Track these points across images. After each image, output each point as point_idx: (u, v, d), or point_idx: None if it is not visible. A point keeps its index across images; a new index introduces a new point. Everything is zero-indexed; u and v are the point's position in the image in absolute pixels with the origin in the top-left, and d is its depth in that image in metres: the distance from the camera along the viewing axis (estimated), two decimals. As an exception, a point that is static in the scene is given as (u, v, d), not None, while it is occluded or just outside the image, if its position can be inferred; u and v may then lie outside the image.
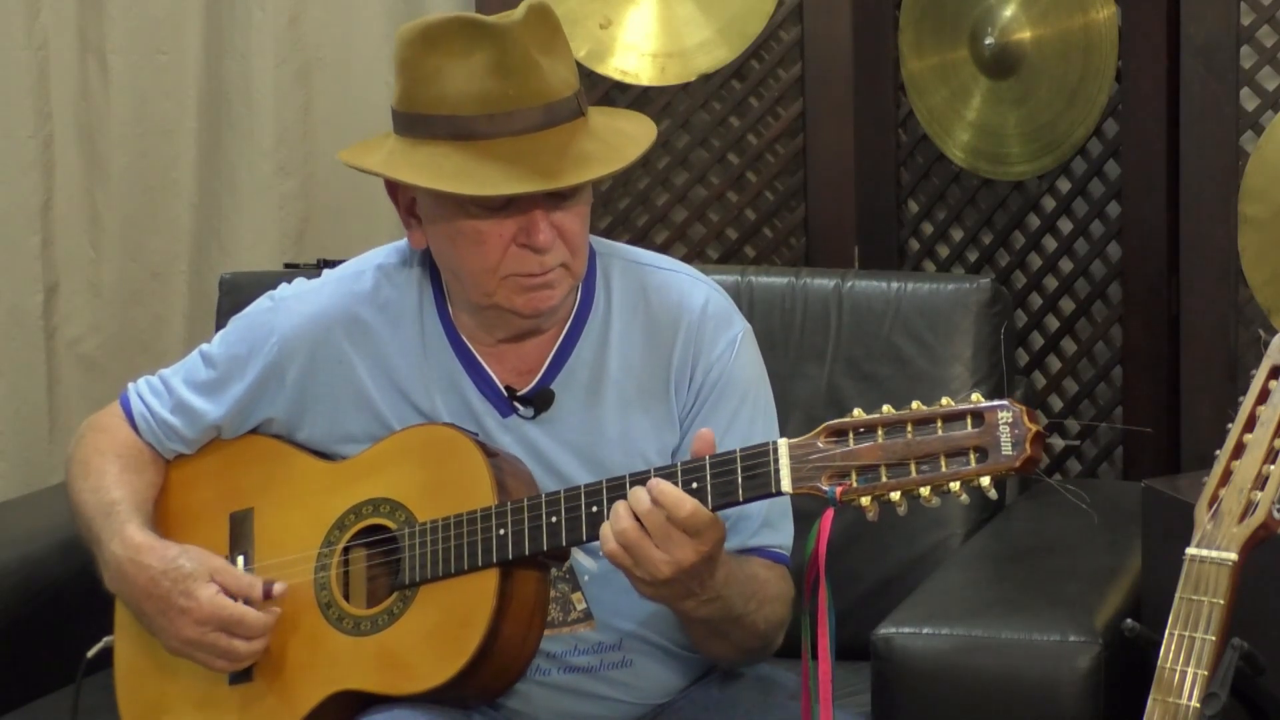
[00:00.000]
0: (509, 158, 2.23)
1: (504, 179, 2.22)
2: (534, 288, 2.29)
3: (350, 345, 2.39)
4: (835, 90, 3.50)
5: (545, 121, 2.25)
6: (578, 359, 2.36)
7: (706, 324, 2.38)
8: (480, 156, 2.24)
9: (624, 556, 2.13)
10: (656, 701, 2.39)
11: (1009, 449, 2.02)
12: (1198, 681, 1.94)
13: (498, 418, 2.36)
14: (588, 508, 2.20)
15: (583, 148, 2.26)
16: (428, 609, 2.27)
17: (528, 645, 2.28)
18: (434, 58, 2.25)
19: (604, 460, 2.33)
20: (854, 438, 2.07)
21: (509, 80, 2.24)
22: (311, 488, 2.39)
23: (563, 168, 2.24)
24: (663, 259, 2.46)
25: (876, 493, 2.06)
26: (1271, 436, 1.99)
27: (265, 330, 2.43)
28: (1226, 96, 3.13)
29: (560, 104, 2.26)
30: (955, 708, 2.46)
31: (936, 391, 2.74)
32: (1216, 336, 3.16)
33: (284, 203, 3.85)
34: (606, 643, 2.35)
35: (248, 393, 2.43)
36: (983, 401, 2.04)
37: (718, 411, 2.36)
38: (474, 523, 2.25)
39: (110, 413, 2.50)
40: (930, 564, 2.86)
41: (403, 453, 2.34)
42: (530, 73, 2.24)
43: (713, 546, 2.14)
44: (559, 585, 2.33)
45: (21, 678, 2.87)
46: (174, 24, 3.83)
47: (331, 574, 2.34)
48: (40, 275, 3.89)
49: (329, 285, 2.44)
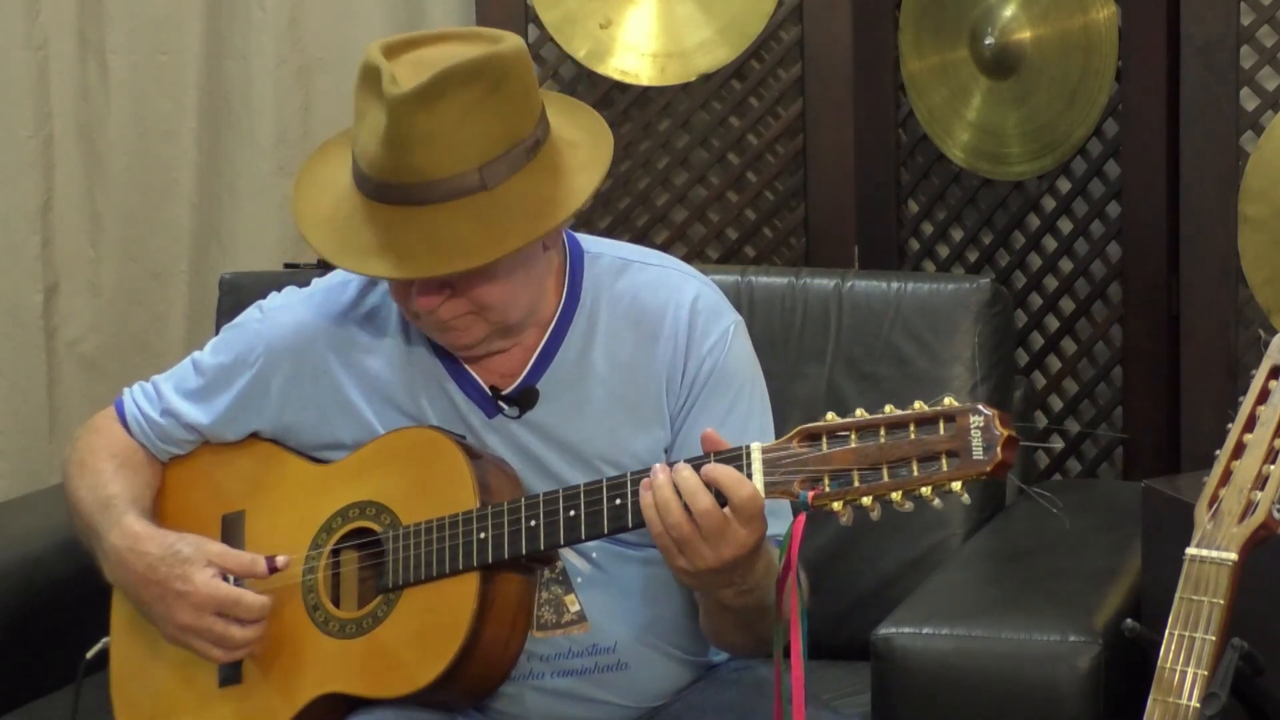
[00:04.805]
0: (385, 226, 2.21)
1: (368, 252, 2.22)
2: (442, 329, 2.30)
3: (334, 355, 2.40)
4: (835, 90, 3.49)
5: (430, 197, 2.19)
6: (563, 357, 2.35)
7: (697, 318, 2.36)
8: (368, 217, 2.23)
9: (671, 546, 2.12)
10: (650, 705, 2.39)
11: (980, 453, 2.00)
12: (1198, 681, 1.94)
13: (483, 418, 2.35)
14: (565, 512, 2.20)
15: (459, 232, 2.19)
16: (411, 612, 2.28)
17: (511, 648, 2.28)
18: (361, 97, 2.24)
19: (592, 458, 2.33)
20: (827, 441, 2.07)
21: (390, 151, 2.19)
22: (301, 490, 2.39)
23: (426, 252, 2.19)
24: (650, 254, 2.45)
25: (849, 497, 2.05)
26: (1271, 436, 1.99)
27: (252, 340, 2.44)
28: (1226, 96, 3.13)
29: (447, 181, 2.18)
30: (955, 708, 2.46)
31: (937, 391, 2.73)
32: (1216, 336, 3.16)
33: (284, 203, 3.84)
34: (600, 645, 2.34)
35: (235, 402, 2.44)
36: (955, 404, 2.03)
37: (712, 405, 2.34)
38: (455, 526, 2.25)
39: (105, 416, 2.51)
40: (930, 564, 2.86)
41: (389, 456, 2.35)
42: (412, 148, 2.17)
43: (759, 538, 2.12)
44: (552, 588, 2.33)
45: (21, 678, 2.87)
46: (174, 24, 3.83)
47: (319, 576, 2.35)
48: (40, 275, 3.89)
49: (315, 296, 2.45)
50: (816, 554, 2.77)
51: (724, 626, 2.29)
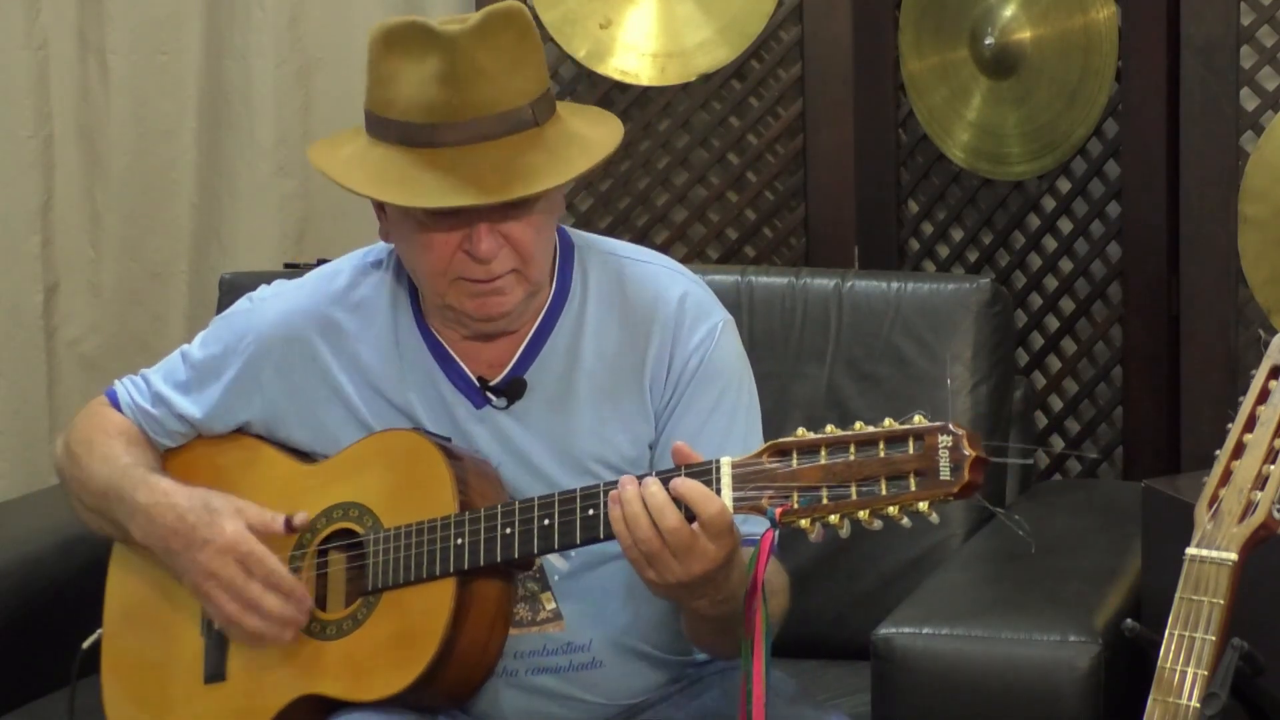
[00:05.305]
0: (450, 168, 2.23)
1: (440, 191, 2.22)
2: (483, 294, 2.29)
3: (324, 343, 2.40)
4: (835, 90, 3.49)
5: (492, 132, 2.24)
6: (551, 349, 2.35)
7: (685, 315, 2.36)
8: (424, 165, 2.24)
9: (640, 560, 2.12)
10: (625, 702, 2.38)
11: (947, 474, 1.99)
12: (1198, 681, 1.94)
13: (470, 409, 2.35)
14: (540, 520, 2.20)
15: (528, 160, 2.24)
16: (389, 616, 2.28)
17: (489, 652, 2.27)
18: (391, 61, 2.26)
19: (576, 451, 2.33)
20: (797, 457, 2.06)
21: (454, 90, 2.23)
22: (287, 490, 2.39)
23: (501, 181, 2.22)
24: (641, 251, 2.45)
25: (816, 514, 2.04)
26: (1271, 436, 1.99)
27: (242, 330, 2.44)
28: (1226, 96, 3.13)
29: (508, 115, 2.25)
30: (955, 708, 2.46)
31: (937, 391, 2.74)
32: (1216, 336, 3.16)
33: (284, 203, 3.85)
34: (576, 643, 2.34)
35: (226, 392, 2.44)
36: (924, 423, 2.01)
37: (697, 401, 2.34)
38: (433, 531, 2.25)
39: (98, 403, 2.51)
40: (930, 564, 2.86)
41: (372, 457, 2.35)
42: (477, 83, 2.23)
43: (730, 551, 2.12)
44: (528, 584, 2.33)
45: (20, 678, 2.87)
46: (174, 24, 3.83)
47: (302, 578, 2.34)
48: (40, 275, 3.89)
49: (305, 285, 2.46)
50: (816, 553, 2.77)
51: (703, 632, 2.29)
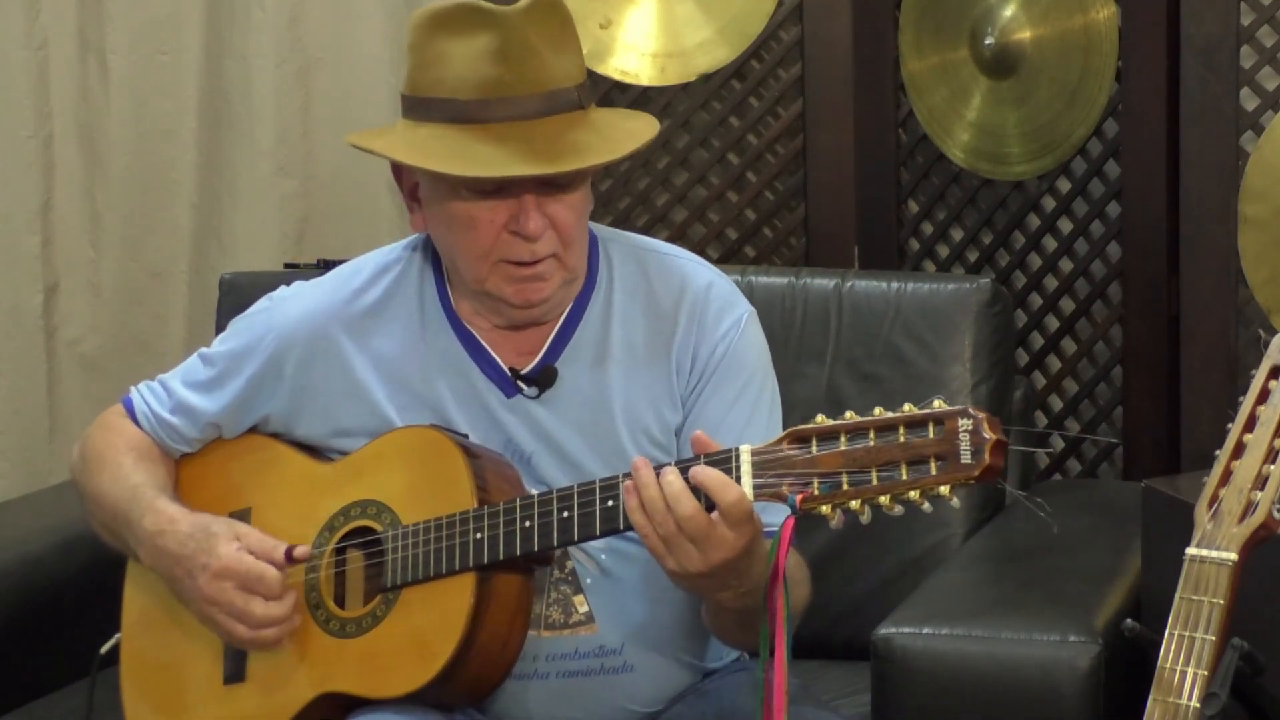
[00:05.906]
0: (502, 142, 2.25)
1: (494, 162, 2.24)
2: (524, 278, 2.30)
3: (346, 338, 2.40)
4: (835, 90, 3.50)
5: (542, 109, 2.27)
6: (581, 337, 2.36)
7: (710, 304, 2.38)
8: (474, 140, 2.25)
9: (659, 548, 2.12)
10: (648, 710, 2.38)
11: (968, 457, 1.98)
12: (1198, 681, 1.94)
13: (502, 398, 2.36)
14: (559, 513, 2.20)
15: (578, 138, 2.27)
16: (408, 612, 2.28)
17: (510, 648, 2.27)
18: (439, 41, 2.28)
19: (608, 437, 2.34)
20: (817, 444, 2.05)
21: (507, 66, 2.25)
22: (305, 489, 2.40)
23: (554, 155, 2.25)
24: (665, 245, 2.48)
25: (837, 500, 2.03)
26: (1271, 436, 1.99)
27: (262, 328, 2.44)
28: (1226, 96, 3.13)
29: (559, 93, 2.28)
30: (955, 708, 2.46)
31: (937, 391, 2.74)
32: (1216, 336, 3.16)
33: (284, 203, 3.85)
34: (608, 646, 2.34)
35: (246, 388, 2.44)
36: (944, 407, 2.01)
37: (720, 391, 2.35)
38: (452, 526, 2.25)
39: (115, 413, 2.51)
40: (930, 564, 2.86)
41: (390, 454, 2.35)
42: (529, 59, 2.26)
43: (750, 539, 2.11)
44: (560, 587, 2.33)
45: (21, 678, 2.87)
46: (174, 24, 3.83)
47: (320, 575, 2.35)
48: (40, 275, 3.89)
49: (326, 283, 2.47)
50: (817, 552, 2.77)
51: (727, 625, 2.29)
